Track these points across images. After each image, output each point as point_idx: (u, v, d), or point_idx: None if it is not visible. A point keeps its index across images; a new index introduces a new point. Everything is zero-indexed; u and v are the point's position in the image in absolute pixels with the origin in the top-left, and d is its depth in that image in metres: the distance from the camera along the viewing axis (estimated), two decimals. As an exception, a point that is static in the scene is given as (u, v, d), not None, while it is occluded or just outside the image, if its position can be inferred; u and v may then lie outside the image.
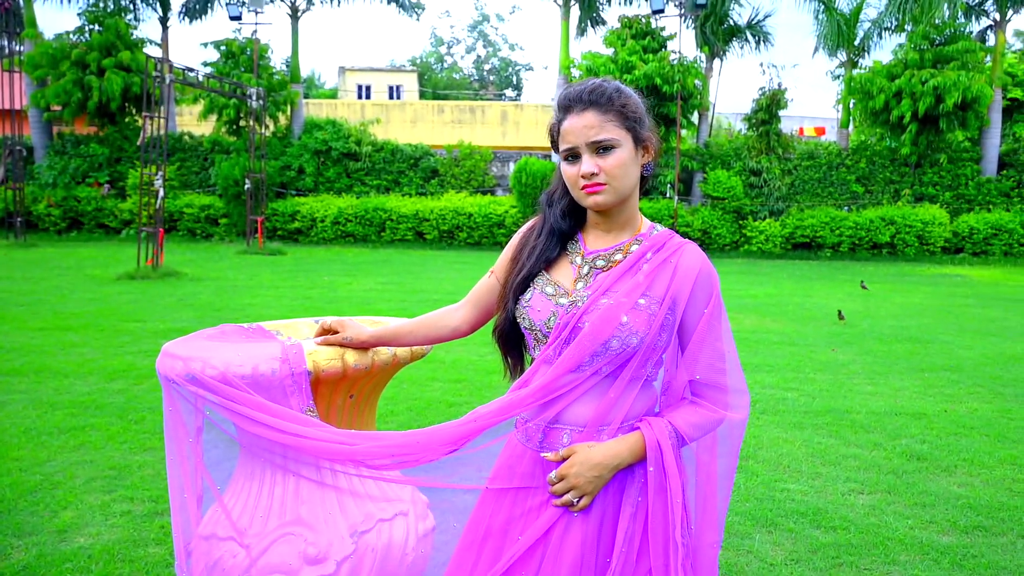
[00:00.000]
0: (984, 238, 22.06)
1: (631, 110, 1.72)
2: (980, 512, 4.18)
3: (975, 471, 4.85)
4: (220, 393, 2.00)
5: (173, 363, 2.10)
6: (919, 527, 3.98)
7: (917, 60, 21.69)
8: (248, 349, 2.11)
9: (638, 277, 1.71)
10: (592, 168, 1.69)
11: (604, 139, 1.69)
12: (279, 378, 2.03)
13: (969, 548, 3.74)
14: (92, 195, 23.03)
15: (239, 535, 2.17)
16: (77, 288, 12.22)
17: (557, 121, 1.78)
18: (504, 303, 1.86)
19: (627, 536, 1.69)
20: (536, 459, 1.76)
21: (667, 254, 1.74)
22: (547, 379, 1.71)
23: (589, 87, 1.72)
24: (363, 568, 2.18)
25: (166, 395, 2.19)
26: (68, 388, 6.27)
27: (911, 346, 9.12)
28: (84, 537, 3.65)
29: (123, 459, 4.69)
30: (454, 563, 1.86)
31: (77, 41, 22.89)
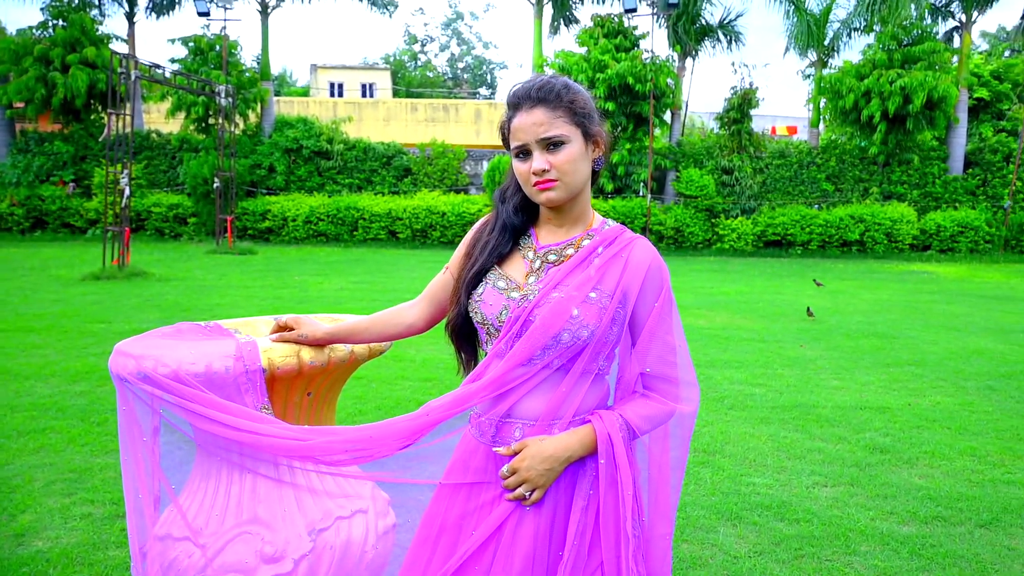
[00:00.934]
0: (951, 235, 22.62)
1: (579, 106, 1.73)
2: (940, 503, 4.29)
3: (936, 463, 4.98)
4: (173, 392, 2.00)
5: (125, 361, 2.09)
6: (880, 518, 4.08)
7: (885, 60, 22.14)
8: (202, 347, 2.11)
9: (589, 271, 1.73)
10: (543, 165, 1.71)
11: (554, 135, 1.70)
12: (233, 375, 2.03)
13: (928, 538, 3.84)
14: (57, 194, 22.77)
15: (195, 535, 2.16)
16: (40, 289, 12.10)
17: (507, 119, 1.79)
18: (457, 298, 1.87)
19: (579, 529, 1.70)
20: (489, 454, 1.77)
21: (618, 248, 1.76)
22: (499, 372, 1.72)
23: (537, 84, 1.73)
24: (321, 566, 2.17)
25: (120, 395, 2.18)
26: (28, 390, 6.21)
27: (877, 342, 9.29)
28: (42, 541, 3.62)
29: (84, 462, 4.65)
30: (409, 559, 1.87)
31: (40, 37, 22.67)
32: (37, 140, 23.55)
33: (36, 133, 23.77)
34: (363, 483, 2.38)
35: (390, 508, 2.47)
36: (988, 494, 4.43)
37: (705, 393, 6.54)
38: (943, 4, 24.46)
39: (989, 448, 5.29)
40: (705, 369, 7.51)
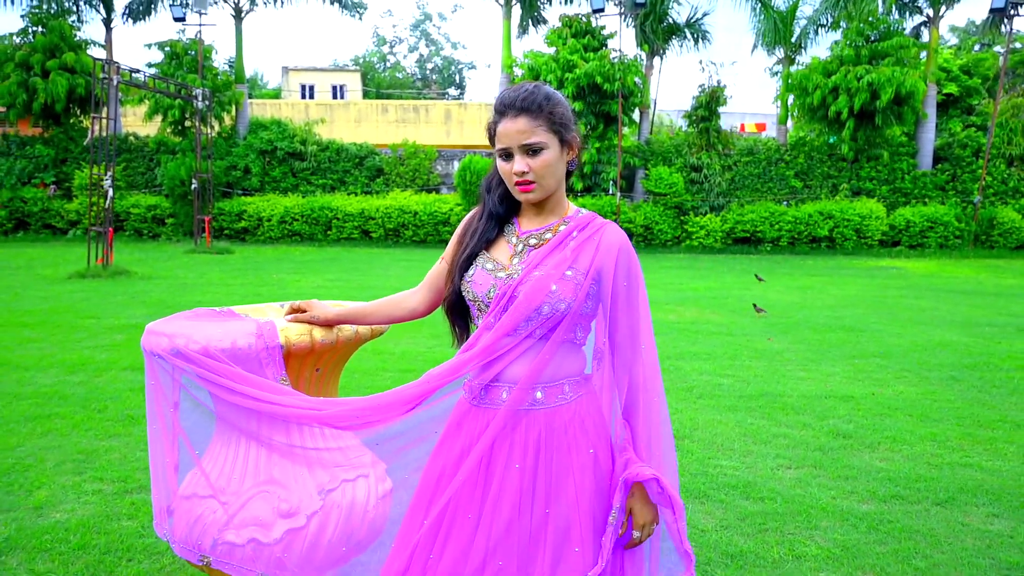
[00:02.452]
0: (920, 231, 22.24)
1: (558, 116, 1.95)
2: (899, 483, 4.42)
3: (897, 447, 5.09)
4: (203, 365, 2.22)
5: (159, 340, 2.31)
6: (841, 497, 4.22)
7: (853, 56, 21.76)
8: (227, 326, 2.33)
9: (565, 252, 1.95)
10: (523, 167, 1.93)
11: (534, 142, 1.92)
12: (255, 351, 2.25)
13: (886, 514, 3.99)
14: (38, 196, 22.69)
15: (218, 493, 2.38)
16: (29, 287, 12.14)
17: (494, 122, 1.99)
18: (451, 279, 2.11)
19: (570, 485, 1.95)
20: (479, 414, 2.01)
21: (591, 232, 1.98)
22: (488, 342, 1.94)
23: (522, 95, 1.94)
24: (330, 522, 2.39)
25: (149, 370, 2.40)
26: (30, 380, 6.35)
27: (844, 335, 9.32)
28: (60, 513, 3.80)
29: (89, 444, 4.83)
30: (412, 505, 2.09)
31: (21, 43, 22.54)
32: (19, 144, 23.40)
33: (17, 137, 23.61)
34: (364, 451, 2.59)
35: (387, 475, 2.70)
36: (946, 475, 4.55)
37: (674, 383, 6.69)
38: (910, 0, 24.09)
39: (949, 434, 5.38)
40: (674, 360, 7.59)
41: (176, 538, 2.40)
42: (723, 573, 3.34)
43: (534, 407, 1.96)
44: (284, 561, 2.31)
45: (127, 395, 5.96)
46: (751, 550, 3.56)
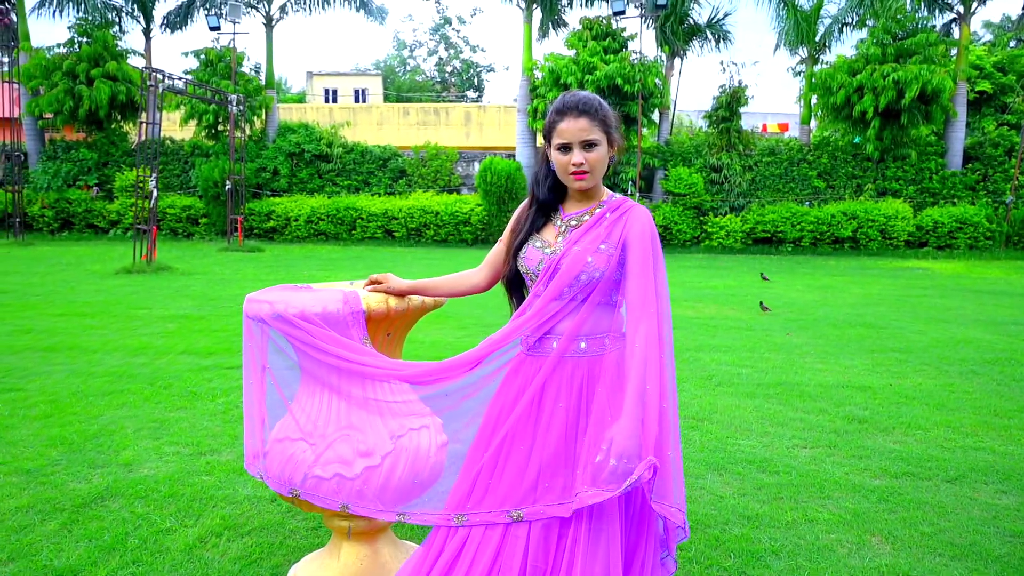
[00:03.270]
0: (948, 232, 21.32)
1: (609, 120, 2.32)
2: (911, 462, 4.51)
3: (911, 432, 5.14)
4: (299, 327, 2.60)
5: (260, 306, 2.69)
6: (854, 473, 4.35)
7: (879, 55, 20.97)
8: (317, 295, 2.70)
9: (600, 230, 2.31)
10: (580, 159, 2.29)
11: (591, 139, 2.28)
12: (343, 315, 2.62)
13: (896, 488, 4.12)
14: (82, 197, 23.28)
15: (306, 437, 2.75)
16: (82, 281, 12.60)
17: (553, 121, 2.34)
18: (508, 259, 2.48)
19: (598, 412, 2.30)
20: (532, 362, 2.37)
21: (621, 212, 2.34)
22: (539, 306, 2.31)
23: (582, 99, 2.30)
24: (399, 462, 2.74)
25: (247, 334, 2.78)
26: (99, 362, 6.77)
27: (864, 331, 9.20)
28: (146, 469, 4.20)
29: (161, 415, 5.23)
30: (477, 439, 2.45)
31: (68, 53, 23.12)
32: (64, 148, 23.96)
33: (63, 141, 24.17)
34: (424, 408, 2.96)
35: (443, 430, 3.06)
36: (958, 457, 4.61)
37: (693, 372, 6.83)
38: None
39: (964, 421, 5.39)
40: (693, 352, 7.67)
41: (270, 474, 2.77)
42: (739, 531, 3.55)
43: (579, 355, 2.31)
44: (364, 492, 2.67)
45: (187, 375, 6.36)
46: (766, 514, 3.76)
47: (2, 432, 4.78)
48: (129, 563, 3.15)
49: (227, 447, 4.59)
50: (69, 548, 3.26)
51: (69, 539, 3.35)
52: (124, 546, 3.29)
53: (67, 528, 3.46)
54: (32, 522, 3.51)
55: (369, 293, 2.72)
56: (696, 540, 3.47)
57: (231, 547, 3.30)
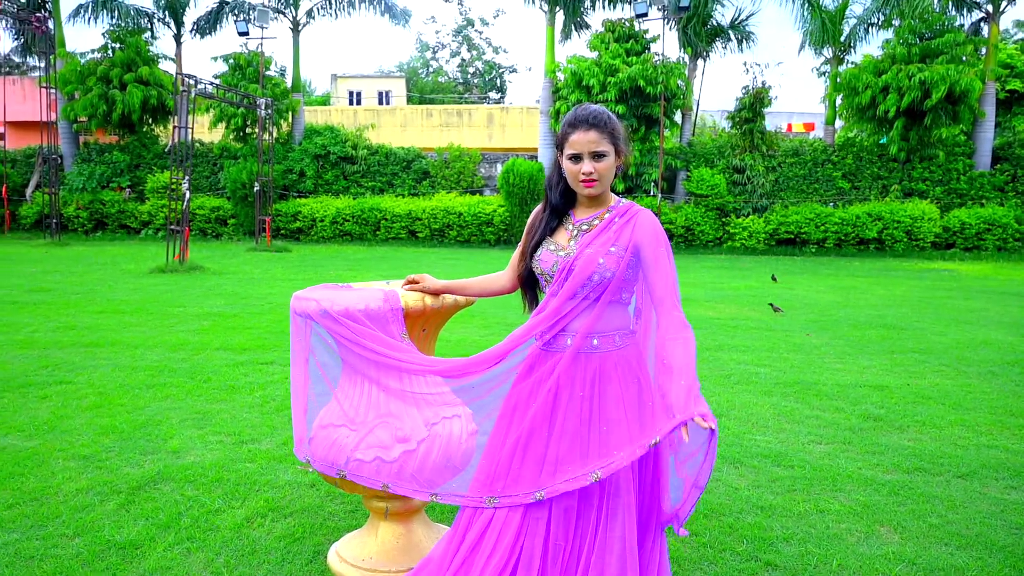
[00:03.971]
0: (976, 233, 20.94)
1: (617, 132, 2.52)
2: (923, 459, 4.60)
3: (926, 430, 5.21)
4: (343, 324, 2.82)
5: (308, 304, 2.91)
6: (867, 468, 4.45)
7: (905, 55, 20.73)
8: (359, 293, 2.93)
9: (609, 234, 2.51)
10: (590, 169, 2.49)
11: (600, 150, 2.49)
12: (383, 312, 2.85)
13: (907, 483, 4.22)
14: (115, 198, 23.81)
15: (349, 423, 2.98)
16: (118, 280, 12.95)
17: (565, 133, 2.54)
18: (524, 259, 2.69)
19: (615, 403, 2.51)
20: (547, 356, 2.57)
21: (628, 217, 2.54)
22: (555, 305, 2.52)
23: (593, 113, 2.50)
24: (434, 448, 2.96)
25: (295, 329, 3.01)
26: (141, 357, 7.05)
27: (884, 332, 9.20)
28: (192, 456, 4.45)
29: (204, 407, 5.49)
30: (495, 431, 2.67)
31: (101, 58, 23.66)
32: (98, 151, 24.54)
33: (97, 145, 24.75)
34: (455, 399, 3.19)
35: (472, 420, 3.29)
36: (970, 454, 4.69)
37: (712, 371, 6.90)
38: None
39: (980, 421, 5.44)
40: (713, 352, 7.71)
41: (316, 458, 2.99)
42: (752, 520, 3.71)
43: (592, 351, 2.52)
44: (401, 474, 2.90)
45: (225, 370, 6.62)
46: (779, 504, 3.91)
47: (58, 421, 5.06)
48: (184, 539, 3.40)
49: (266, 436, 4.84)
50: (128, 525, 3.52)
51: (127, 517, 3.61)
52: (178, 524, 3.55)
53: (125, 508, 3.72)
54: (92, 502, 3.77)
55: (407, 292, 2.95)
56: (710, 527, 3.66)
57: (276, 527, 3.55)
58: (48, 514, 3.63)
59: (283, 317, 9.41)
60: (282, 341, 7.90)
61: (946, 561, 3.34)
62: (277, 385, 6.12)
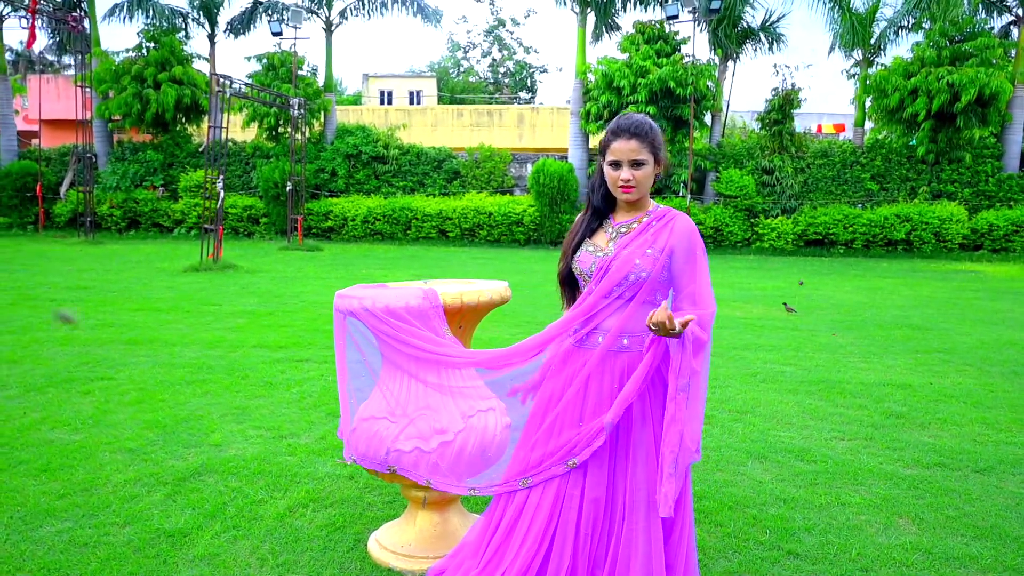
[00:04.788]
0: (1004, 235, 21.22)
1: (657, 142, 2.66)
2: (943, 454, 4.76)
3: (947, 427, 5.37)
4: (384, 320, 2.99)
5: (350, 301, 3.08)
6: (888, 463, 4.61)
7: (935, 58, 21.03)
8: (399, 291, 3.09)
9: (647, 236, 2.65)
10: (628, 176, 2.64)
11: (639, 159, 2.63)
12: (425, 309, 3.01)
13: (927, 477, 4.39)
14: (149, 197, 24.28)
15: (390, 415, 3.14)
16: (154, 278, 13.27)
17: (608, 140, 2.69)
18: (564, 258, 2.83)
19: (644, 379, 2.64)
20: (580, 353, 2.70)
21: (666, 221, 2.67)
22: (591, 302, 2.65)
23: (635, 123, 2.64)
24: (470, 439, 3.12)
25: (337, 325, 3.18)
26: (179, 354, 7.29)
27: (910, 332, 9.34)
28: (234, 449, 4.65)
29: (242, 403, 5.69)
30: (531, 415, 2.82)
31: (136, 57, 24.13)
32: (132, 150, 25.00)
33: (131, 143, 25.23)
34: (490, 392, 3.34)
35: (506, 413, 3.44)
36: (989, 451, 4.84)
37: (738, 369, 7.11)
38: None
39: (1000, 418, 5.58)
40: (739, 351, 7.90)
41: (358, 453, 3.16)
42: (776, 511, 3.87)
43: (621, 350, 2.65)
44: (439, 465, 3.04)
45: (261, 366, 6.83)
46: (802, 497, 4.07)
47: (102, 416, 5.28)
48: (230, 528, 3.59)
49: (305, 431, 5.02)
50: (176, 514, 3.71)
51: (175, 507, 3.80)
52: (224, 513, 3.73)
53: (171, 498, 3.91)
54: (140, 493, 3.97)
55: (445, 290, 3.11)
56: (735, 518, 3.81)
57: (317, 516, 3.72)
58: (98, 504, 3.82)
59: (317, 315, 9.64)
60: (317, 339, 8.12)
61: (962, 551, 3.48)
62: (313, 382, 6.32)
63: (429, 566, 3.19)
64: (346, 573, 3.21)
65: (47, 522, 3.60)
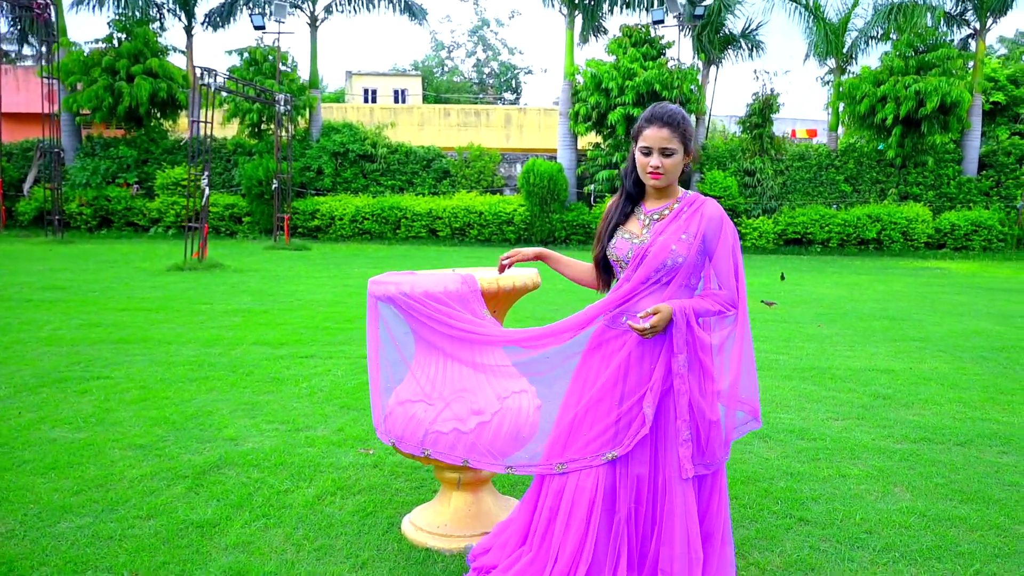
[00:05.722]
0: (965, 234, 23.36)
1: (688, 132, 2.83)
2: (927, 430, 5.39)
3: (928, 407, 6.04)
4: (422, 304, 3.14)
5: (387, 287, 3.23)
6: (879, 439, 5.20)
7: (902, 67, 22.87)
8: (436, 276, 3.25)
9: (680, 222, 2.82)
10: (658, 164, 2.80)
11: (669, 148, 2.80)
12: (463, 293, 3.16)
13: (915, 450, 4.98)
14: (122, 195, 24.03)
15: (426, 398, 3.29)
16: (135, 278, 13.33)
17: (640, 127, 2.86)
18: (600, 242, 2.99)
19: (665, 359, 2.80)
20: (617, 335, 2.86)
21: (696, 207, 2.85)
22: (629, 287, 2.82)
23: (669, 112, 2.81)
24: (506, 420, 3.26)
25: (370, 311, 3.32)
26: (176, 352, 7.40)
27: (888, 323, 10.29)
28: (251, 443, 4.78)
29: (251, 398, 5.83)
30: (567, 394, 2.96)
31: (106, 49, 23.87)
32: (102, 145, 24.85)
33: (101, 139, 25.05)
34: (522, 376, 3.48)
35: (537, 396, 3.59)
36: (967, 426, 5.50)
37: None
38: (958, 12, 25.24)
39: (974, 398, 6.32)
40: None
41: (394, 434, 3.31)
42: (784, 484, 4.31)
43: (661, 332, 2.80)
44: (476, 445, 3.19)
45: (265, 363, 6.96)
46: (806, 471, 4.55)
47: (104, 414, 5.38)
48: (259, 516, 3.73)
49: (320, 424, 5.17)
50: (201, 506, 3.84)
51: (198, 499, 3.93)
52: (250, 503, 3.87)
53: (194, 491, 4.04)
54: (159, 487, 4.09)
55: (481, 276, 3.26)
56: (748, 491, 4.23)
57: (347, 503, 3.87)
58: (116, 499, 3.92)
59: (315, 313, 9.77)
60: (319, 336, 8.25)
61: (951, 512, 3.97)
62: (321, 377, 6.45)
63: (465, 544, 3.37)
64: (384, 555, 3.36)
65: (64, 518, 3.68)
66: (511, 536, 3.04)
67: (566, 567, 2.77)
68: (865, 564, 3.40)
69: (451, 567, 3.28)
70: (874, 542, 3.63)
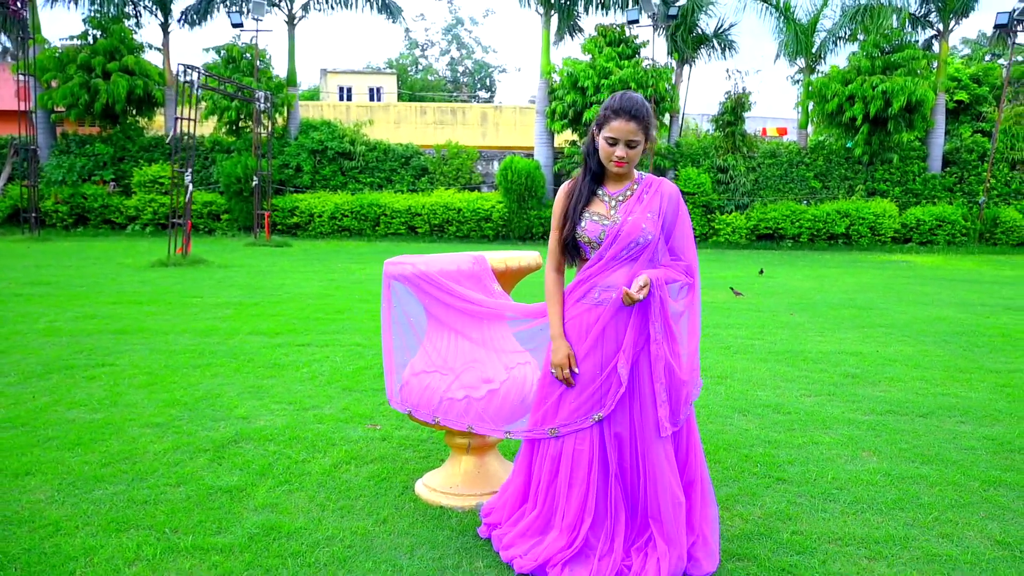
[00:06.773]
0: (929, 229, 24.36)
1: (651, 123, 3.12)
2: (893, 404, 5.90)
3: (894, 384, 6.57)
4: (437, 281, 3.48)
5: (402, 267, 3.57)
6: (849, 412, 5.70)
7: (869, 67, 23.65)
8: (449, 256, 3.59)
9: (644, 202, 3.13)
10: (623, 154, 3.08)
11: (634, 140, 3.08)
12: (476, 272, 3.52)
13: (881, 421, 5.46)
14: (98, 192, 24.05)
15: (440, 369, 3.63)
16: (121, 274, 13.54)
17: (607, 116, 3.09)
18: (566, 225, 3.22)
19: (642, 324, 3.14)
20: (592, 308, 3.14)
21: (655, 188, 3.17)
22: (603, 263, 3.12)
23: (636, 106, 3.06)
24: (512, 388, 3.59)
25: (385, 289, 3.66)
26: (175, 341, 7.68)
27: (856, 311, 10.92)
28: (262, 421, 5.10)
29: (255, 382, 6.13)
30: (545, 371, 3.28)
31: (81, 46, 23.89)
32: (78, 142, 24.89)
33: (77, 136, 25.09)
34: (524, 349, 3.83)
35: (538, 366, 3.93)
36: (929, 400, 6.02)
37: (715, 343, 8.20)
38: (922, 14, 26.10)
39: (935, 376, 6.86)
40: (713, 329, 9.03)
41: (410, 403, 3.65)
42: (763, 451, 4.74)
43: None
44: (483, 414, 3.54)
45: (264, 351, 7.26)
46: (782, 439, 5.00)
47: (116, 397, 5.67)
48: (282, 482, 4.05)
49: (326, 404, 5.50)
50: (225, 474, 4.16)
51: (222, 469, 4.24)
52: (272, 472, 4.20)
53: (216, 461, 4.35)
54: (183, 459, 4.40)
55: (489, 256, 3.61)
56: (730, 456, 4.66)
57: (362, 471, 4.21)
58: (145, 470, 4.23)
59: (306, 305, 10.07)
60: (312, 326, 8.56)
61: (913, 472, 4.43)
62: (321, 363, 6.78)
63: (476, 502, 3.74)
64: (402, 512, 3.70)
65: (98, 486, 3.98)
66: (511, 496, 3.41)
67: (573, 519, 3.14)
68: (836, 514, 3.80)
69: (465, 521, 3.63)
70: (844, 496, 4.03)
